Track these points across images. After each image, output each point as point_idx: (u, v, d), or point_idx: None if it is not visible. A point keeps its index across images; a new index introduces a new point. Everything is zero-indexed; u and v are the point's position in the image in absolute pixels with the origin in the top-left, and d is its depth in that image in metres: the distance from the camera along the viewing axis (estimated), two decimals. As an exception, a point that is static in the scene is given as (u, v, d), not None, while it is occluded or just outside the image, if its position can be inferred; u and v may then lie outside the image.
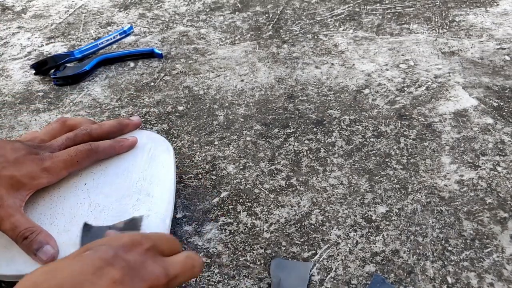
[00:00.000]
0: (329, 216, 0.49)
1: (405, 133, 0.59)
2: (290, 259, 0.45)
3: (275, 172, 0.55)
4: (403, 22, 0.82)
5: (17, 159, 0.43)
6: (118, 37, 0.78)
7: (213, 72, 0.73)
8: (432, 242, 0.46)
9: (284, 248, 0.46)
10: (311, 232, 0.47)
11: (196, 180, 0.54)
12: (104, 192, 0.47)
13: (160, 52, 0.77)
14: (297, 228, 0.48)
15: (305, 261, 0.44)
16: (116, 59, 0.77)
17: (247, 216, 0.50)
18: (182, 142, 0.60)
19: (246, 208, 0.51)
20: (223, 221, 0.49)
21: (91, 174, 0.49)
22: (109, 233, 0.42)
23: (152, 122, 0.63)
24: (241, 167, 0.55)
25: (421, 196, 0.50)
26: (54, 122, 0.51)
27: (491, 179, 0.52)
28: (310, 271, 0.44)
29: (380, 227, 0.47)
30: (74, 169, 0.47)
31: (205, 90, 0.69)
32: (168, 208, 0.46)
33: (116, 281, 0.29)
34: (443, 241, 0.46)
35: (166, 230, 0.44)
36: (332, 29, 0.82)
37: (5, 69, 0.78)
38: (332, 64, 0.73)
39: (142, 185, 0.48)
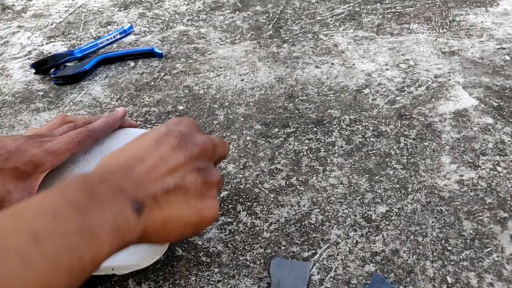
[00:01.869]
0: (329, 216, 0.49)
1: (405, 133, 0.59)
2: (290, 259, 0.45)
3: (275, 171, 0.55)
4: (403, 22, 0.82)
5: (18, 146, 0.43)
6: (118, 36, 0.78)
7: (213, 71, 0.73)
8: (432, 242, 0.46)
9: (284, 247, 0.46)
10: (311, 232, 0.47)
11: (196, 180, 0.54)
12: None
13: (160, 52, 0.77)
14: (297, 227, 0.48)
15: (305, 261, 0.45)
16: (116, 58, 0.77)
17: (247, 216, 0.50)
18: (182, 141, 0.60)
19: (246, 207, 0.51)
20: (223, 220, 0.49)
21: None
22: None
23: (152, 122, 0.63)
24: (241, 167, 0.55)
25: (421, 196, 0.50)
26: (55, 119, 0.52)
27: (491, 179, 0.52)
28: (310, 270, 0.44)
29: (380, 226, 0.47)
30: (76, 151, 0.47)
31: (205, 90, 0.69)
32: None
33: (174, 146, 0.35)
34: (443, 241, 0.46)
35: None
36: (332, 28, 0.82)
37: (5, 69, 0.78)
38: (332, 63, 0.73)
39: None
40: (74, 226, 0.27)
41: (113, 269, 0.42)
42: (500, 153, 0.55)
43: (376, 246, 0.46)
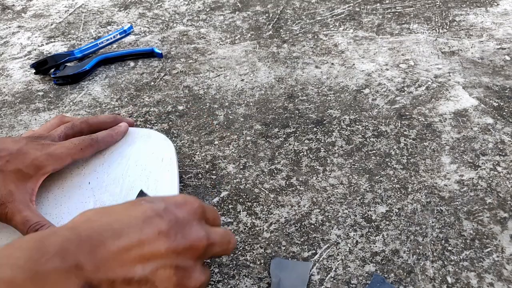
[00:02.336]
0: (329, 216, 0.49)
1: (405, 133, 0.59)
2: (290, 259, 0.45)
3: (275, 171, 0.55)
4: (403, 22, 0.82)
5: (20, 149, 0.43)
6: (118, 36, 0.78)
7: (213, 71, 0.73)
8: (432, 242, 0.46)
9: (284, 247, 0.46)
10: (311, 232, 0.47)
11: (196, 180, 0.54)
12: (109, 190, 0.47)
13: (160, 52, 0.77)
14: (297, 227, 0.48)
15: (305, 261, 0.44)
16: (116, 58, 0.77)
17: (247, 216, 0.50)
18: (182, 141, 0.60)
19: (246, 207, 0.51)
20: (223, 220, 0.49)
21: (94, 173, 0.49)
22: None
23: (152, 122, 0.63)
24: (241, 167, 0.55)
25: (421, 196, 0.50)
26: (52, 119, 0.52)
27: (491, 179, 0.52)
28: (310, 270, 0.44)
29: (380, 227, 0.47)
30: (77, 157, 0.47)
31: (205, 90, 0.69)
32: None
33: (162, 232, 0.30)
34: (443, 241, 0.46)
35: None
36: (332, 28, 0.82)
37: (5, 69, 0.78)
38: (332, 63, 0.73)
39: (146, 182, 0.48)
40: None
41: None
42: (500, 153, 0.55)
43: (376, 246, 0.46)
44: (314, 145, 0.58)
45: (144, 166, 0.50)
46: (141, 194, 0.44)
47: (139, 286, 0.29)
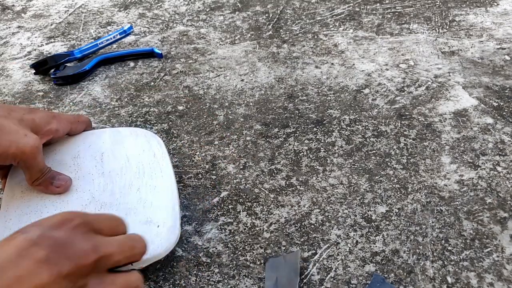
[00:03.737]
0: (329, 216, 0.49)
1: (405, 133, 0.59)
2: (282, 254, 0.45)
3: (275, 172, 0.55)
4: (403, 22, 0.82)
5: (31, 109, 0.49)
6: (118, 36, 0.78)
7: (213, 71, 0.73)
8: (432, 242, 0.46)
9: (284, 248, 0.46)
10: (311, 232, 0.47)
11: (196, 180, 0.54)
12: (107, 190, 0.47)
13: (160, 52, 0.77)
14: (297, 228, 0.48)
15: (303, 260, 0.44)
16: (116, 58, 0.77)
17: (247, 216, 0.50)
18: (182, 141, 0.60)
19: (246, 207, 0.50)
20: (223, 220, 0.49)
21: (89, 175, 0.49)
22: None
23: (152, 122, 0.63)
24: (241, 167, 0.55)
25: (421, 196, 0.50)
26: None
27: (491, 179, 0.52)
28: (300, 257, 0.44)
29: (380, 227, 0.47)
30: (74, 127, 0.53)
31: (205, 90, 0.69)
32: (173, 194, 0.47)
33: (41, 260, 0.28)
34: (443, 241, 0.46)
35: (177, 218, 0.45)
36: (332, 28, 0.82)
37: (5, 69, 0.78)
38: (332, 64, 0.73)
39: (142, 179, 0.48)
40: None
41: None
42: (500, 153, 0.55)
43: (376, 246, 0.46)
44: (314, 145, 0.58)
45: (137, 163, 0.50)
46: None
47: None
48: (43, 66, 0.74)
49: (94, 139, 0.54)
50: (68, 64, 0.75)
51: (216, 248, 0.46)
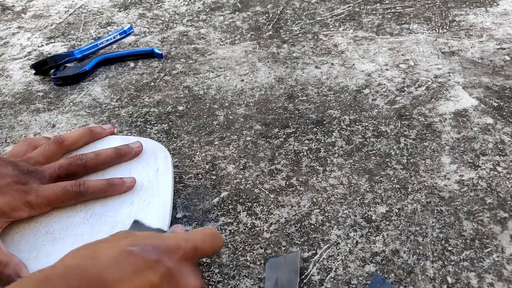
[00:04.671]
0: (329, 216, 0.49)
1: (405, 133, 0.59)
2: (282, 254, 0.45)
3: (275, 172, 0.55)
4: (403, 22, 0.82)
5: (1, 187, 0.42)
6: (118, 37, 0.78)
7: (213, 72, 0.73)
8: (432, 242, 0.46)
9: (284, 248, 0.46)
10: (311, 232, 0.47)
11: (196, 180, 0.54)
12: (99, 200, 0.47)
13: (160, 52, 0.77)
14: (297, 228, 0.48)
15: (303, 260, 0.44)
16: (116, 59, 0.77)
17: (247, 216, 0.50)
18: (182, 142, 0.60)
19: (246, 208, 0.51)
20: (223, 221, 0.49)
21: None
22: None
23: (152, 122, 0.63)
24: (241, 167, 0.55)
25: (421, 196, 0.50)
26: (52, 143, 0.50)
27: (491, 179, 0.52)
28: (300, 257, 0.44)
29: (380, 227, 0.47)
30: (58, 206, 0.46)
31: (205, 90, 0.69)
32: (166, 214, 0.46)
33: (153, 285, 0.30)
34: (443, 241, 0.46)
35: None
36: (332, 29, 0.82)
37: (5, 69, 0.78)
38: (332, 64, 0.73)
39: (138, 193, 0.48)
40: None
41: None
42: (500, 153, 0.55)
43: (376, 247, 0.46)
44: (314, 145, 0.58)
45: (138, 176, 0.49)
46: (136, 224, 0.42)
47: None
48: (43, 67, 0.74)
49: (102, 145, 0.53)
50: (68, 65, 0.75)
51: (216, 248, 0.46)
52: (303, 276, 0.43)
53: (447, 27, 0.80)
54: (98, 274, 0.29)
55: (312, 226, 0.48)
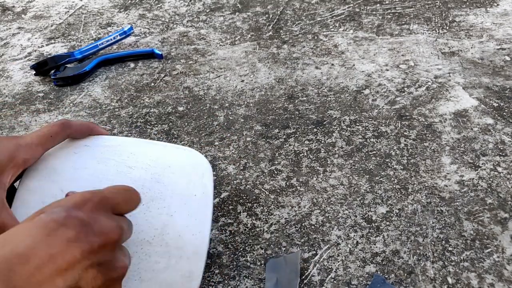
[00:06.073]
0: (329, 217, 0.49)
1: (405, 133, 0.59)
2: (282, 255, 0.45)
3: (275, 172, 0.55)
4: (403, 22, 0.82)
5: None
6: (118, 37, 0.79)
7: (213, 72, 0.73)
8: (433, 243, 0.46)
9: (284, 248, 0.46)
10: (311, 233, 0.47)
11: (196, 181, 0.54)
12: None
13: (160, 53, 0.77)
14: (297, 228, 0.48)
15: (303, 261, 0.44)
16: (116, 59, 0.77)
17: (247, 217, 0.50)
18: (182, 142, 0.60)
19: (246, 208, 0.50)
20: (223, 221, 0.49)
21: (142, 180, 0.44)
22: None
23: (152, 123, 0.63)
24: (241, 168, 0.55)
25: (422, 197, 0.50)
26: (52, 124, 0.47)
27: (491, 180, 0.52)
28: (300, 258, 0.44)
29: (381, 227, 0.47)
30: (49, 145, 0.44)
31: (205, 91, 0.69)
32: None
33: (71, 239, 0.30)
34: (443, 242, 0.46)
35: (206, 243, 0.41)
36: (332, 29, 0.82)
37: (5, 70, 0.78)
38: (332, 64, 0.73)
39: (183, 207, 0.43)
40: None
41: None
42: (500, 153, 0.55)
43: (376, 247, 0.46)
44: (314, 146, 0.58)
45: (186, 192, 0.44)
46: None
47: None
48: (44, 67, 0.74)
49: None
50: (68, 65, 0.75)
51: (217, 249, 0.46)
52: (303, 277, 0.43)
53: (447, 28, 0.80)
54: (12, 248, 0.29)
55: (313, 227, 0.48)
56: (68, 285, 0.29)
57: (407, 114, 0.62)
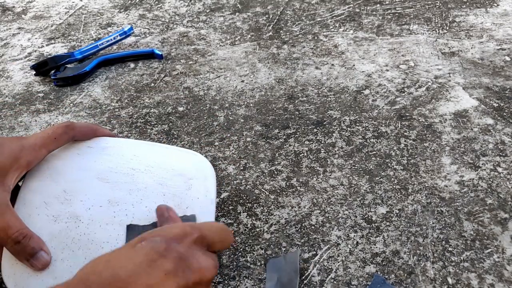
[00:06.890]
0: (330, 217, 0.49)
1: (405, 133, 0.59)
2: (282, 254, 0.45)
3: (275, 172, 0.55)
4: (403, 22, 0.82)
5: None
6: (118, 38, 0.79)
7: (213, 73, 0.73)
8: (433, 243, 0.46)
9: (284, 249, 0.46)
10: (311, 233, 0.47)
11: (196, 181, 0.54)
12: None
13: (160, 53, 0.77)
14: (297, 228, 0.48)
15: (303, 261, 0.44)
16: (116, 60, 0.77)
17: (247, 217, 0.50)
18: (182, 143, 0.60)
19: (246, 208, 0.50)
20: (223, 221, 0.49)
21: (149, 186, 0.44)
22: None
23: (152, 123, 0.63)
24: (241, 168, 0.55)
25: (422, 197, 0.50)
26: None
27: (491, 180, 0.52)
28: (300, 257, 0.44)
29: (381, 227, 0.47)
30: (52, 147, 0.43)
31: (205, 91, 0.69)
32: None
33: (169, 272, 0.31)
34: (443, 242, 0.46)
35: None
36: (332, 29, 0.82)
37: (5, 70, 0.78)
38: (332, 64, 0.73)
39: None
40: None
41: None
42: (500, 153, 0.55)
43: (376, 247, 0.46)
44: (314, 146, 0.58)
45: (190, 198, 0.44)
46: (130, 228, 0.41)
47: None
48: (44, 67, 0.74)
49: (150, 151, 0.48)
50: (68, 65, 0.75)
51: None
52: (303, 277, 0.43)
53: (447, 28, 0.80)
54: (114, 273, 0.30)
55: (313, 227, 0.48)
56: None
57: (407, 114, 0.62)
